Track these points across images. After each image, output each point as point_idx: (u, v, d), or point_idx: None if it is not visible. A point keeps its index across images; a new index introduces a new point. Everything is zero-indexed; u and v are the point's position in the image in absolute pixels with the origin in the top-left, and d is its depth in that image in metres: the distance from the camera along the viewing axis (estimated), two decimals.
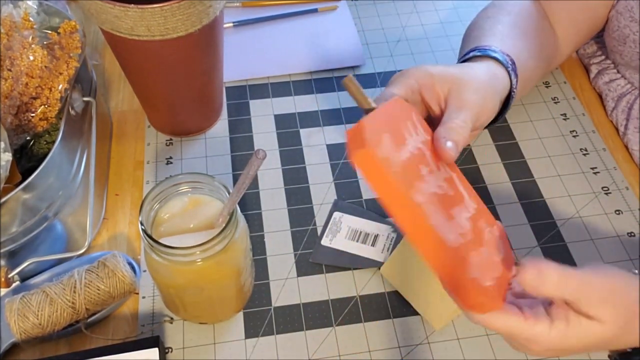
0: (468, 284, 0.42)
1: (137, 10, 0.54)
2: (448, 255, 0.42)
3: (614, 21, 0.70)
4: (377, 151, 0.42)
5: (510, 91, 0.61)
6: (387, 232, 0.63)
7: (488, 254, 0.45)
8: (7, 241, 0.55)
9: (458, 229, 0.44)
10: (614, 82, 0.74)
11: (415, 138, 0.47)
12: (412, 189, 0.43)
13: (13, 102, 0.58)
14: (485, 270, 0.43)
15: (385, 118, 0.46)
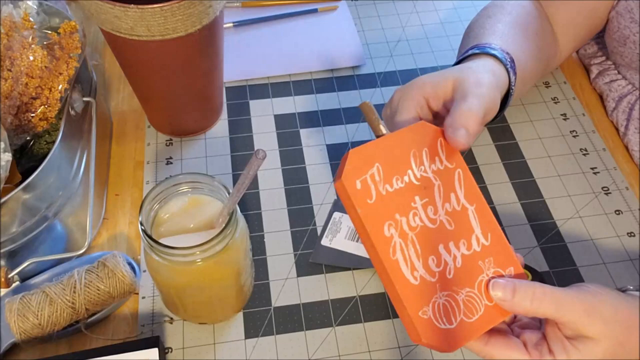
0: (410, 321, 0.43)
1: (137, 11, 0.54)
2: (406, 292, 0.43)
3: (614, 22, 0.70)
4: (351, 183, 0.44)
5: (508, 89, 0.60)
6: None
7: (471, 295, 0.45)
8: (7, 241, 0.55)
9: (435, 266, 0.44)
10: (615, 82, 0.74)
11: (423, 166, 0.47)
12: (388, 221, 0.44)
13: (13, 102, 0.58)
14: (441, 314, 0.43)
15: (387, 147, 0.46)
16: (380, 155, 0.45)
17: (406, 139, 0.47)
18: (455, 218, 0.46)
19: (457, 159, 0.48)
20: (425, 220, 0.45)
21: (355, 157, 0.44)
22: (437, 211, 0.46)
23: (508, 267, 0.47)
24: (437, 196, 0.46)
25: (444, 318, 0.43)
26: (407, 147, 0.47)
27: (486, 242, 0.47)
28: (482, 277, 0.46)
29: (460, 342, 0.44)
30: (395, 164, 0.46)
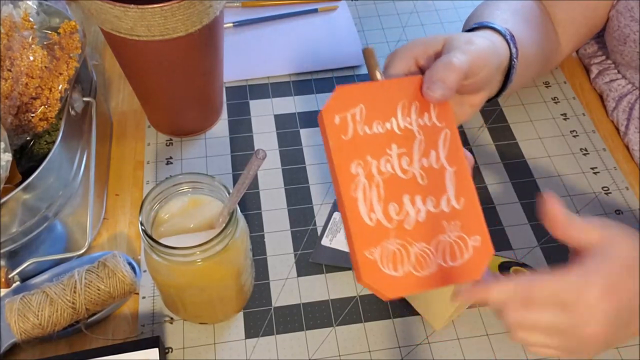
0: (355, 259, 0.44)
1: (137, 11, 0.54)
2: (358, 229, 0.44)
3: (614, 21, 0.70)
4: (330, 117, 0.45)
5: (510, 60, 0.58)
6: None
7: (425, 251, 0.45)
8: (7, 241, 0.55)
9: (395, 214, 0.45)
10: (615, 82, 0.74)
11: (410, 118, 0.47)
12: (358, 160, 0.45)
13: (13, 103, 0.58)
14: (388, 259, 0.44)
15: (376, 92, 0.47)
16: (367, 97, 0.46)
17: (399, 89, 0.47)
18: (429, 175, 0.46)
19: (448, 119, 0.48)
20: (396, 168, 0.46)
21: (341, 93, 0.45)
22: (412, 163, 0.46)
23: (474, 235, 0.46)
24: (416, 149, 0.47)
25: (390, 264, 0.44)
26: (397, 97, 0.47)
27: (457, 205, 0.46)
28: (443, 238, 0.45)
29: (401, 291, 0.44)
30: (380, 109, 0.46)
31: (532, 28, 0.65)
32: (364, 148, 0.45)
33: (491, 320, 0.58)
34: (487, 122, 0.74)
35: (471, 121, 0.74)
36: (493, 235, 0.47)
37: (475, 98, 0.56)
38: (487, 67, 0.53)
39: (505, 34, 0.58)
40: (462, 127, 0.74)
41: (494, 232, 0.57)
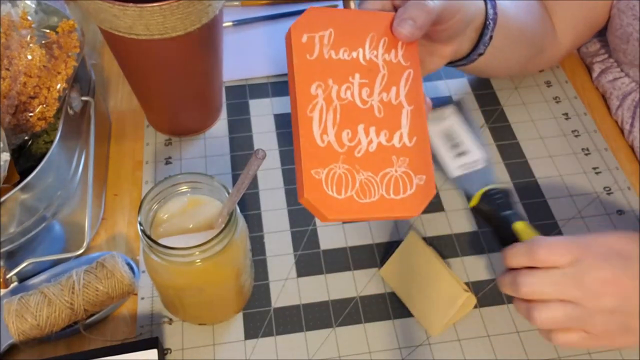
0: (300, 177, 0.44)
1: (136, 9, 0.54)
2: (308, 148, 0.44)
3: (616, 19, 0.69)
4: (298, 35, 0.45)
5: (485, 20, 0.58)
6: (476, 157, 0.59)
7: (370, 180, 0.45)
8: (5, 241, 0.55)
9: (347, 140, 0.45)
10: (618, 80, 0.74)
11: (377, 52, 0.48)
12: (319, 82, 0.45)
13: (11, 102, 0.58)
14: (332, 182, 0.44)
15: (348, 19, 0.47)
16: (339, 23, 0.47)
17: (371, 21, 0.48)
18: (387, 109, 0.47)
19: (414, 60, 0.49)
20: (356, 97, 0.46)
21: (312, 14, 0.46)
22: (372, 95, 0.47)
23: (420, 174, 0.47)
24: (378, 83, 0.47)
25: (334, 186, 0.44)
26: (367, 28, 0.48)
27: (409, 143, 0.47)
28: (389, 171, 0.46)
29: (340, 214, 0.44)
30: (350, 37, 0.47)
31: (521, 10, 0.66)
32: (327, 71, 0.46)
33: (492, 321, 0.58)
34: (488, 122, 0.74)
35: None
36: None
37: (445, 49, 0.57)
38: (459, 14, 0.53)
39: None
40: None
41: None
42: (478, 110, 0.75)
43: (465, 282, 0.60)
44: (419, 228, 0.65)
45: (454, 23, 0.53)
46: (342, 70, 0.46)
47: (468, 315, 0.58)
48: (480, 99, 0.77)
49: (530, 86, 0.78)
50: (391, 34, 0.48)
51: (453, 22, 0.53)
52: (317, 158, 0.44)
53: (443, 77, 0.79)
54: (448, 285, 0.55)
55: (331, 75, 0.46)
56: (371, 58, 0.47)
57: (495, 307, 0.59)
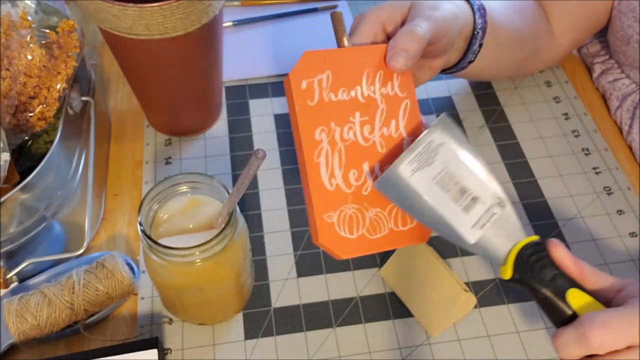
0: (314, 221, 0.45)
1: (136, 9, 0.54)
2: (318, 193, 0.45)
3: (617, 21, 0.69)
4: (297, 81, 0.45)
5: (473, 30, 0.58)
6: (492, 202, 0.45)
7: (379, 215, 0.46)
8: (5, 242, 0.55)
9: (354, 180, 0.46)
10: (619, 81, 0.74)
11: (373, 87, 0.48)
12: (322, 127, 0.46)
13: (11, 102, 0.58)
14: (344, 223, 0.45)
15: (343, 58, 0.47)
16: (334, 64, 0.47)
17: (364, 56, 0.48)
18: (388, 143, 0.48)
19: (410, 89, 0.49)
20: (358, 136, 0.47)
21: (308, 58, 0.46)
22: (373, 132, 0.47)
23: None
24: (378, 118, 0.48)
25: (346, 227, 0.45)
26: (362, 65, 0.48)
27: None
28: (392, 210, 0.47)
29: (354, 252, 0.46)
30: (346, 77, 0.47)
31: (513, 12, 0.66)
32: (328, 115, 0.46)
33: (492, 321, 0.58)
34: (488, 122, 0.74)
35: (472, 121, 0.74)
36: None
37: (435, 62, 0.57)
38: (449, 33, 0.53)
39: (474, 5, 0.58)
40: (462, 128, 0.73)
41: None
42: (478, 111, 0.75)
43: (465, 282, 0.60)
44: None
45: (443, 44, 0.53)
46: (342, 111, 0.47)
47: (468, 315, 0.58)
48: (480, 99, 0.77)
49: (530, 86, 0.78)
50: (385, 67, 0.48)
51: (442, 43, 0.53)
52: (327, 202, 0.45)
53: (443, 77, 0.79)
54: (448, 285, 0.55)
55: (333, 118, 0.46)
56: (369, 94, 0.48)
57: (495, 307, 0.59)
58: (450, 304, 0.55)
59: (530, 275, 0.44)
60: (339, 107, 0.46)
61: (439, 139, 0.45)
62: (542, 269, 0.44)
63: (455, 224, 0.44)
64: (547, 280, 0.43)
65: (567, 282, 0.44)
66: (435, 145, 0.45)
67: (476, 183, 0.45)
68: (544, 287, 0.43)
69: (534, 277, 0.44)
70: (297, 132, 0.46)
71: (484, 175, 0.46)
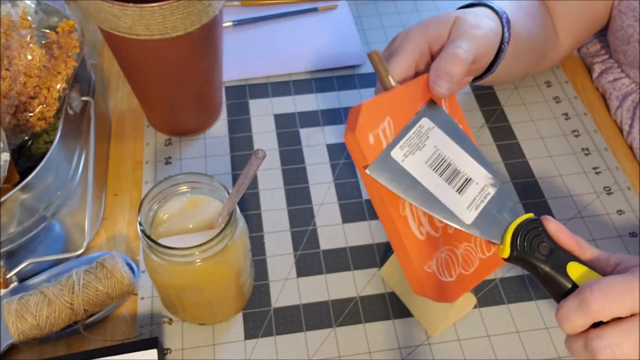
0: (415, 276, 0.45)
1: (136, 9, 0.54)
2: (414, 246, 0.44)
3: (617, 20, 0.69)
4: (364, 137, 0.43)
5: (501, 43, 0.57)
6: (485, 182, 0.46)
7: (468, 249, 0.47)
8: (5, 241, 0.55)
9: (439, 222, 0.46)
10: (619, 81, 0.74)
11: None
12: None
13: (11, 102, 0.58)
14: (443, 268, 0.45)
15: (396, 100, 0.45)
16: (391, 108, 0.45)
17: (414, 91, 0.46)
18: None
19: (459, 112, 0.48)
20: None
21: (368, 110, 0.44)
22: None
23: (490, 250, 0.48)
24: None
25: (445, 271, 0.45)
26: (415, 100, 0.46)
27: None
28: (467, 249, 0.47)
29: (459, 293, 0.46)
30: (405, 118, 0.45)
31: (527, 16, 0.65)
32: None
33: (492, 321, 0.58)
34: (488, 122, 0.74)
35: (472, 121, 0.74)
36: None
37: (466, 78, 0.57)
38: (489, 54, 0.53)
39: (502, 16, 0.57)
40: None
41: None
42: (478, 110, 0.75)
43: None
44: None
45: (484, 63, 0.53)
46: None
47: (468, 315, 0.58)
48: (480, 99, 0.77)
49: (530, 86, 0.78)
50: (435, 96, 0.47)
51: (483, 62, 0.53)
52: (423, 253, 0.45)
53: None
54: None
55: None
56: None
57: (495, 307, 0.59)
58: (450, 304, 0.55)
59: (529, 251, 0.44)
60: None
61: (428, 123, 0.46)
62: (539, 245, 0.44)
63: (451, 206, 0.45)
64: (546, 255, 0.44)
65: (566, 255, 0.44)
66: (425, 129, 0.46)
67: (468, 165, 0.46)
68: (543, 263, 0.44)
69: (532, 253, 0.44)
70: (375, 190, 0.44)
71: (473, 157, 0.47)
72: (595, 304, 0.40)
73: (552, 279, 0.44)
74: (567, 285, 0.43)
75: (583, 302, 0.40)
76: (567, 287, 0.43)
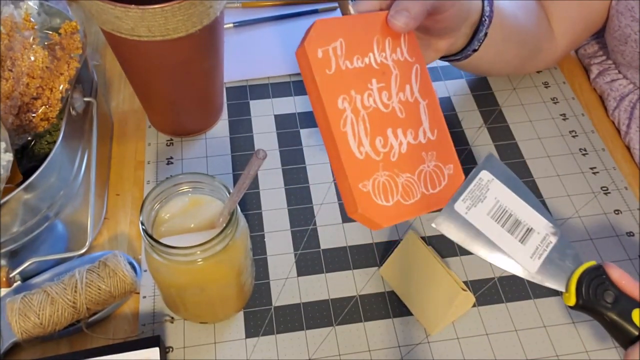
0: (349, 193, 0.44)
1: (138, 11, 0.54)
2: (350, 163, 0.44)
3: (614, 21, 0.70)
4: (313, 50, 0.44)
5: (481, 17, 0.59)
6: (546, 231, 0.47)
7: (410, 180, 0.46)
8: (8, 241, 0.55)
9: (381, 147, 0.46)
10: (616, 82, 0.74)
11: (385, 54, 0.48)
12: (343, 95, 0.45)
13: (14, 103, 0.58)
14: (379, 191, 0.45)
15: (352, 26, 0.47)
16: (345, 31, 0.46)
17: (372, 23, 0.48)
18: (406, 108, 0.48)
19: (418, 54, 0.49)
20: (378, 102, 0.47)
21: (321, 26, 0.45)
22: (391, 97, 0.47)
23: (448, 164, 0.48)
24: (393, 84, 0.48)
25: (382, 195, 0.45)
26: (371, 32, 0.47)
27: (432, 136, 0.48)
28: (423, 167, 0.47)
29: (393, 219, 0.45)
30: (358, 44, 0.46)
31: (518, 7, 0.66)
32: (347, 83, 0.45)
33: (491, 320, 0.59)
34: (486, 122, 0.75)
35: (470, 121, 0.75)
36: None
37: (440, 42, 0.57)
38: (455, 7, 0.53)
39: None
40: (461, 128, 0.74)
41: None
42: (476, 111, 0.76)
43: (464, 281, 0.61)
44: (418, 227, 0.65)
45: (449, 15, 0.53)
46: (360, 78, 0.46)
47: (467, 314, 0.59)
48: (478, 99, 0.77)
49: (528, 87, 0.79)
50: (393, 34, 0.48)
51: (448, 14, 0.53)
52: (360, 171, 0.44)
53: (442, 77, 0.79)
54: (446, 284, 0.56)
55: (352, 85, 0.45)
56: (382, 61, 0.47)
57: (494, 305, 0.60)
58: (448, 302, 0.55)
59: (594, 299, 0.45)
60: (356, 74, 0.46)
61: (487, 175, 0.47)
62: (604, 292, 0.45)
63: (515, 256, 0.46)
64: (611, 303, 0.44)
65: (630, 302, 0.44)
66: (485, 182, 0.47)
67: (528, 215, 0.47)
68: (609, 310, 0.44)
69: (598, 301, 0.45)
70: (319, 103, 0.45)
71: (533, 206, 0.47)
72: None
73: (618, 327, 0.44)
74: (634, 332, 0.44)
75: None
76: (634, 335, 0.44)
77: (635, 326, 0.44)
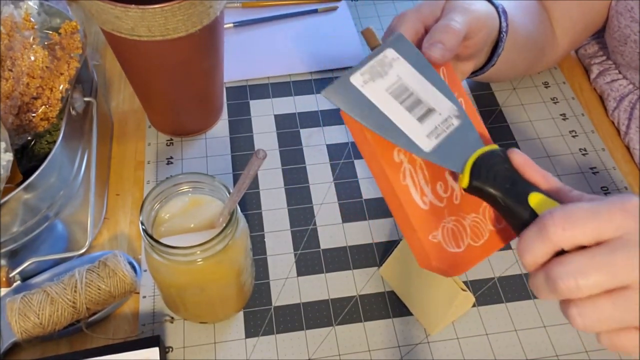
0: (419, 246, 0.43)
1: (138, 11, 0.54)
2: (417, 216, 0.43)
3: (614, 21, 0.70)
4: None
5: (499, 33, 0.58)
6: (447, 114, 0.45)
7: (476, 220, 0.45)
8: (8, 241, 0.55)
9: (443, 192, 0.45)
10: (616, 82, 0.74)
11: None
12: (397, 147, 0.43)
13: (14, 102, 0.58)
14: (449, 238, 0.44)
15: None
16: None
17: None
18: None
19: (459, 87, 0.48)
20: None
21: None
22: None
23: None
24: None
25: (452, 242, 0.44)
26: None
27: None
28: (484, 204, 0.46)
29: (467, 265, 0.44)
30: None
31: (524, 13, 0.66)
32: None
33: (491, 320, 0.59)
34: (486, 123, 0.75)
35: None
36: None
37: (466, 65, 0.57)
38: (484, 30, 0.53)
39: (498, 7, 0.58)
40: None
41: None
42: (476, 111, 0.76)
43: (464, 281, 0.61)
44: None
45: (478, 40, 0.53)
46: None
47: (467, 314, 0.59)
48: (479, 99, 0.77)
49: (528, 87, 0.79)
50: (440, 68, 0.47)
51: (477, 39, 0.53)
52: (428, 222, 0.43)
53: None
54: (445, 284, 0.56)
55: None
56: None
57: (494, 305, 0.60)
58: (448, 302, 0.55)
59: (489, 181, 0.42)
60: None
61: (392, 53, 0.45)
62: (501, 175, 0.42)
63: (409, 133, 0.43)
64: (507, 185, 0.42)
65: (528, 186, 0.41)
66: (390, 59, 0.45)
67: (433, 96, 0.45)
68: (503, 192, 0.41)
69: (493, 183, 0.42)
70: (374, 160, 0.43)
71: (440, 90, 0.45)
72: (554, 227, 0.36)
73: (512, 209, 0.41)
74: (527, 215, 0.40)
75: (542, 227, 0.37)
76: (528, 217, 0.40)
77: (530, 209, 0.40)
